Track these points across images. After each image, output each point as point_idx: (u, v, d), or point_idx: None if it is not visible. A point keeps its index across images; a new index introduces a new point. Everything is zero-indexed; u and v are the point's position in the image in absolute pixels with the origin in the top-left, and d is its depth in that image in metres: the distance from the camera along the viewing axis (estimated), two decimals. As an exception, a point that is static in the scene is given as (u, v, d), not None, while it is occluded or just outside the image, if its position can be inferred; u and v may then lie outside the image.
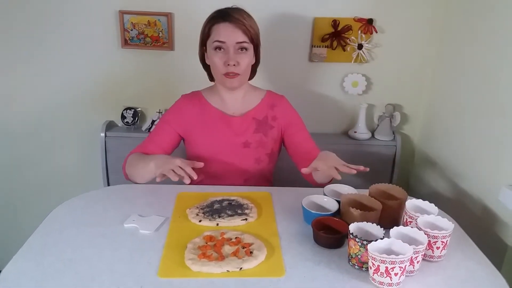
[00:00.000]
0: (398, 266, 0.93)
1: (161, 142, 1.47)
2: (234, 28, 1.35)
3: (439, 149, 1.89)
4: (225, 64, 1.37)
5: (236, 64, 1.37)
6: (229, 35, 1.35)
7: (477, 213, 1.53)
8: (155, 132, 1.49)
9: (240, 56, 1.38)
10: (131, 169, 1.40)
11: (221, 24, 1.36)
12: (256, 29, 1.41)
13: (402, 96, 2.06)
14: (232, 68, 1.37)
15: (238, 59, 1.37)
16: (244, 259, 1.02)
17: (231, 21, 1.35)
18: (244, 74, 1.42)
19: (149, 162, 1.31)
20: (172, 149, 1.50)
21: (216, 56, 1.38)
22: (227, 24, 1.35)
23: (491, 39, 1.52)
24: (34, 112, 2.03)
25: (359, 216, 1.11)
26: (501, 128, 1.43)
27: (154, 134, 1.49)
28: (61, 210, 1.26)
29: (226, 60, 1.37)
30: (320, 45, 1.94)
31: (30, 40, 1.90)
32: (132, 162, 1.41)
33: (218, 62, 1.38)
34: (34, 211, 2.19)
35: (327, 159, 1.23)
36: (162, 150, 1.46)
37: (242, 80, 1.43)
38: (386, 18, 1.92)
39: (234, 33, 1.35)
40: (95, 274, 0.97)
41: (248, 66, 1.42)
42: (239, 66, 1.38)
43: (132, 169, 1.40)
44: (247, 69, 1.43)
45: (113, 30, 1.91)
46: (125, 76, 1.99)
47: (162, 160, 1.29)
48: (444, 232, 1.04)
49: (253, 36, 1.39)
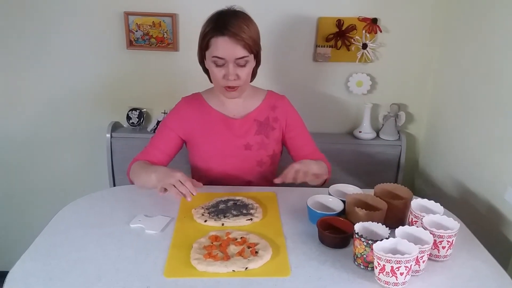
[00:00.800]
0: (404, 266, 0.92)
1: (164, 147, 1.47)
2: (233, 44, 1.30)
3: (444, 148, 1.88)
4: (225, 78, 1.35)
5: (236, 78, 1.35)
6: (228, 52, 1.31)
7: (483, 212, 1.53)
8: (156, 137, 1.48)
9: (240, 69, 1.35)
10: (134, 177, 1.40)
11: (220, 39, 1.30)
12: (256, 37, 1.37)
13: (407, 96, 2.05)
14: (232, 82, 1.35)
15: (237, 72, 1.35)
16: (249, 259, 1.02)
17: (230, 36, 1.29)
18: (244, 85, 1.40)
19: (150, 173, 1.30)
20: (175, 153, 1.50)
21: (216, 69, 1.35)
22: (226, 39, 1.29)
23: (495, 37, 1.51)
24: (40, 114, 2.04)
25: (365, 216, 1.11)
26: (507, 127, 1.42)
27: (156, 139, 1.48)
28: (68, 210, 1.27)
29: (226, 74, 1.34)
30: (325, 44, 1.94)
31: (36, 42, 1.92)
32: (135, 171, 1.39)
33: (217, 75, 1.36)
34: (40, 212, 2.20)
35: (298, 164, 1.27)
36: (165, 155, 1.46)
37: (242, 90, 1.42)
38: (390, 17, 1.92)
39: (233, 49, 1.30)
40: (101, 274, 0.98)
41: (248, 75, 1.39)
42: (239, 79, 1.36)
43: (136, 178, 1.39)
44: (248, 78, 1.40)
45: (118, 31, 1.92)
46: (130, 77, 2.00)
47: (163, 173, 1.27)
48: (450, 232, 1.03)
49: (253, 47, 1.34)
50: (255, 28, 1.37)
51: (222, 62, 1.33)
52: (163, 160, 1.47)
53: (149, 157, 1.45)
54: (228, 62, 1.33)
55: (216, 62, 1.34)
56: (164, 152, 1.47)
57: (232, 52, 1.31)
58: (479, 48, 1.62)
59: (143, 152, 1.47)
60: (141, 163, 1.42)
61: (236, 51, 1.31)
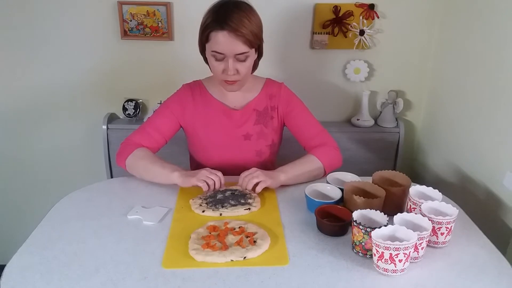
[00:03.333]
0: (403, 253, 0.92)
1: (164, 130, 1.44)
2: (233, 39, 1.26)
3: (442, 135, 1.87)
4: (224, 72, 1.33)
5: (235, 73, 1.32)
6: (228, 47, 1.27)
7: (481, 198, 1.53)
8: (158, 119, 1.45)
9: (240, 64, 1.32)
10: (139, 166, 1.36)
11: (220, 33, 1.26)
12: (258, 31, 1.32)
13: (405, 82, 2.04)
14: (231, 77, 1.33)
15: (237, 67, 1.32)
16: (248, 248, 1.02)
17: (230, 31, 1.25)
18: (244, 78, 1.37)
19: (171, 170, 1.29)
20: (171, 136, 1.48)
21: (215, 63, 1.32)
22: (226, 33, 1.25)
23: (494, 22, 1.49)
24: (34, 105, 2.02)
25: (363, 204, 1.11)
26: (505, 113, 1.41)
27: (156, 121, 1.45)
28: (65, 202, 1.27)
29: (225, 69, 1.32)
30: (321, 31, 1.92)
31: (29, 33, 1.89)
32: (143, 161, 1.36)
33: (217, 69, 1.33)
34: (37, 204, 2.20)
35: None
36: (163, 138, 1.45)
37: (242, 83, 1.39)
38: (387, 3, 1.89)
39: (234, 44, 1.27)
40: (100, 266, 0.98)
41: (248, 69, 1.36)
42: (239, 74, 1.34)
43: (142, 168, 1.36)
44: (248, 72, 1.37)
45: (112, 21, 1.89)
46: (126, 67, 1.98)
47: (186, 171, 1.30)
48: (448, 218, 1.03)
49: (254, 42, 1.30)
50: (257, 21, 1.33)
51: (221, 56, 1.30)
52: (161, 144, 1.46)
53: (150, 141, 1.42)
54: (228, 57, 1.30)
55: (215, 56, 1.31)
56: (163, 135, 1.44)
57: (231, 47, 1.27)
58: (477, 33, 1.60)
59: (143, 134, 1.43)
60: (148, 154, 1.38)
61: (236, 47, 1.28)
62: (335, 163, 1.44)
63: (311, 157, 1.41)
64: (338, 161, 1.45)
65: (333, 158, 1.44)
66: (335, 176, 1.34)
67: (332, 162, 1.43)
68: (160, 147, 1.46)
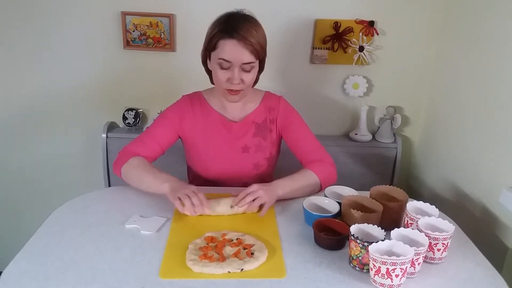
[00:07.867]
0: (399, 268, 0.93)
1: (162, 140, 1.44)
2: (241, 48, 1.28)
3: (439, 151, 1.89)
4: (229, 81, 1.34)
5: (240, 82, 1.33)
6: (236, 55, 1.28)
7: (477, 215, 1.53)
8: (156, 129, 1.45)
9: (245, 74, 1.33)
10: (133, 176, 1.37)
11: (228, 41, 1.27)
12: (264, 43, 1.35)
13: (403, 98, 2.07)
14: (236, 86, 1.34)
15: (242, 76, 1.33)
16: (245, 260, 1.02)
17: (239, 39, 1.27)
18: (247, 89, 1.38)
19: (163, 181, 1.28)
20: (168, 147, 1.48)
21: (220, 71, 1.33)
22: (235, 42, 1.27)
23: (491, 40, 1.52)
24: (36, 113, 2.03)
25: (360, 218, 1.11)
26: (502, 130, 1.43)
27: (155, 131, 1.45)
28: (63, 210, 1.27)
29: (230, 78, 1.32)
30: (321, 47, 1.94)
31: (33, 41, 1.91)
32: (137, 170, 1.36)
33: (222, 78, 1.33)
34: (35, 212, 2.19)
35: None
36: (161, 149, 1.45)
37: (244, 94, 1.40)
38: (387, 20, 1.93)
39: (241, 53, 1.28)
40: (97, 275, 0.97)
41: (252, 81, 1.37)
42: (243, 84, 1.35)
43: (135, 178, 1.36)
44: (251, 84, 1.39)
45: (115, 31, 1.91)
46: (127, 77, 2.00)
47: (177, 183, 1.27)
48: (445, 234, 1.04)
49: (260, 53, 1.33)
50: (263, 34, 1.35)
51: (228, 65, 1.31)
52: (158, 153, 1.45)
53: (147, 150, 1.42)
54: (234, 66, 1.31)
55: (221, 64, 1.31)
56: (161, 145, 1.45)
57: (239, 56, 1.29)
58: (475, 51, 1.63)
59: (140, 143, 1.43)
60: (142, 163, 1.38)
61: (244, 56, 1.29)
62: (331, 180, 1.44)
63: (308, 172, 1.41)
64: (333, 178, 1.45)
65: (329, 174, 1.44)
66: (333, 190, 1.34)
67: (328, 178, 1.43)
68: (157, 156, 1.46)
